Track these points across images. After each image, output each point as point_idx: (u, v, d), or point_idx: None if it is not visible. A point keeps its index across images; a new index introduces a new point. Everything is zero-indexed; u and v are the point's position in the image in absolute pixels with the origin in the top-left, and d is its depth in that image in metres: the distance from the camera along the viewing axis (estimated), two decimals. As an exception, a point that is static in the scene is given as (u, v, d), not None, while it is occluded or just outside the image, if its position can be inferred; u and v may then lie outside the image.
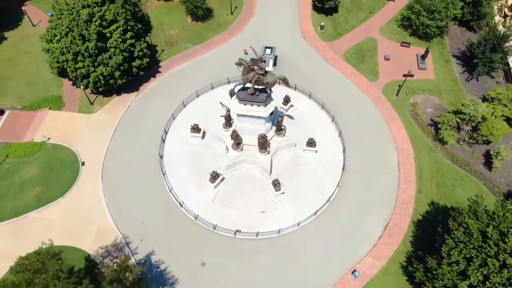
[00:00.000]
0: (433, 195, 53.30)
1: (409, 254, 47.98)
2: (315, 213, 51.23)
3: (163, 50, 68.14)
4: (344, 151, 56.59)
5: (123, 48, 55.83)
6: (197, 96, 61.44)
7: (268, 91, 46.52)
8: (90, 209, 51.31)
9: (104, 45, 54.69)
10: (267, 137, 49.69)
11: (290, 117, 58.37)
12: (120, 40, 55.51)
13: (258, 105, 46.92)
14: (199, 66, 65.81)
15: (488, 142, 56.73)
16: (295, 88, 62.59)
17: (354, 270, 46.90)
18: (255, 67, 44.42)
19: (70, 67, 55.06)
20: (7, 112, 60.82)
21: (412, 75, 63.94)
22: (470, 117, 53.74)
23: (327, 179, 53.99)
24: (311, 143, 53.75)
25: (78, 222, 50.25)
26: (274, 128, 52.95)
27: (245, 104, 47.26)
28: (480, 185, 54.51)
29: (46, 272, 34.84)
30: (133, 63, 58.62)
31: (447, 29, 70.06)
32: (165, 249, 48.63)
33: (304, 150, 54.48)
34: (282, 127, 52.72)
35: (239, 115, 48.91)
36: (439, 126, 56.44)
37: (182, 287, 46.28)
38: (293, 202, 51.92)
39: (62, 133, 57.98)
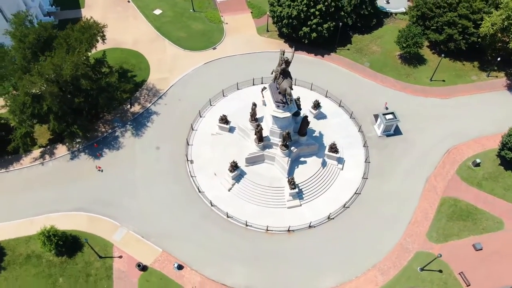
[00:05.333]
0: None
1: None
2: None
3: (348, 49, 70.90)
4: (310, 227, 51.19)
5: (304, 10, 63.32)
6: (311, 89, 64.45)
7: (282, 96, 46.83)
8: (181, 66, 67.43)
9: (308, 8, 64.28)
10: (262, 129, 51.28)
11: (323, 164, 55.07)
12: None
13: (272, 100, 48.52)
14: (350, 80, 66.74)
15: None
16: (365, 177, 56.29)
17: None
18: (283, 65, 45.46)
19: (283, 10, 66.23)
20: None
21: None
22: None
23: (266, 212, 52.18)
24: (291, 183, 51.28)
25: (168, 63, 68.07)
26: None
27: (268, 90, 49.63)
28: None
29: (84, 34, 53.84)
30: (304, 28, 65.78)
31: None
32: (163, 121, 61.12)
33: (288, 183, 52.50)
34: (287, 143, 51.57)
35: (265, 95, 51.95)
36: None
37: (133, 140, 59.15)
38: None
39: (233, 26, 74.29)
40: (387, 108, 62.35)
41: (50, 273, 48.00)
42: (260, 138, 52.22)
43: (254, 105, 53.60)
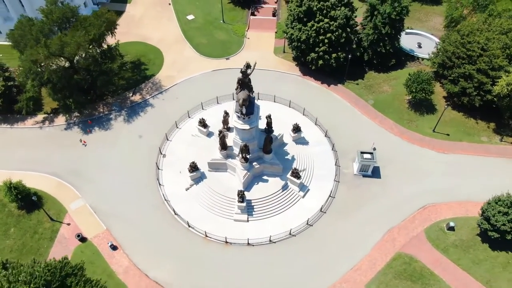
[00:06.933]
0: None
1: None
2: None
3: (357, 83, 69.13)
4: (248, 244, 50.30)
5: (313, 36, 63.61)
6: (303, 114, 63.88)
7: (239, 106, 47.17)
8: (191, 69, 71.14)
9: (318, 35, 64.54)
10: (224, 136, 52.31)
11: (284, 187, 54.10)
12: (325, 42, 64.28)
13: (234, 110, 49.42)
14: (347, 114, 65.11)
15: None
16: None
17: None
18: (241, 76, 46.04)
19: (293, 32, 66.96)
20: (273, 18, 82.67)
21: None
22: None
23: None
24: (240, 195, 50.95)
25: (181, 64, 72.05)
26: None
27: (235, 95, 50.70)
28: None
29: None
30: (311, 54, 65.80)
31: None
32: (155, 114, 64.67)
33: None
34: (246, 156, 51.56)
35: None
36: None
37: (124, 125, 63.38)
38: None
39: (253, 41, 76.86)
40: (374, 149, 59.46)
41: (6, 221, 52.80)
42: (222, 145, 53.04)
43: (226, 113, 54.72)
